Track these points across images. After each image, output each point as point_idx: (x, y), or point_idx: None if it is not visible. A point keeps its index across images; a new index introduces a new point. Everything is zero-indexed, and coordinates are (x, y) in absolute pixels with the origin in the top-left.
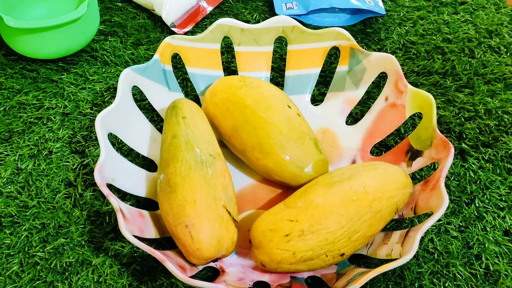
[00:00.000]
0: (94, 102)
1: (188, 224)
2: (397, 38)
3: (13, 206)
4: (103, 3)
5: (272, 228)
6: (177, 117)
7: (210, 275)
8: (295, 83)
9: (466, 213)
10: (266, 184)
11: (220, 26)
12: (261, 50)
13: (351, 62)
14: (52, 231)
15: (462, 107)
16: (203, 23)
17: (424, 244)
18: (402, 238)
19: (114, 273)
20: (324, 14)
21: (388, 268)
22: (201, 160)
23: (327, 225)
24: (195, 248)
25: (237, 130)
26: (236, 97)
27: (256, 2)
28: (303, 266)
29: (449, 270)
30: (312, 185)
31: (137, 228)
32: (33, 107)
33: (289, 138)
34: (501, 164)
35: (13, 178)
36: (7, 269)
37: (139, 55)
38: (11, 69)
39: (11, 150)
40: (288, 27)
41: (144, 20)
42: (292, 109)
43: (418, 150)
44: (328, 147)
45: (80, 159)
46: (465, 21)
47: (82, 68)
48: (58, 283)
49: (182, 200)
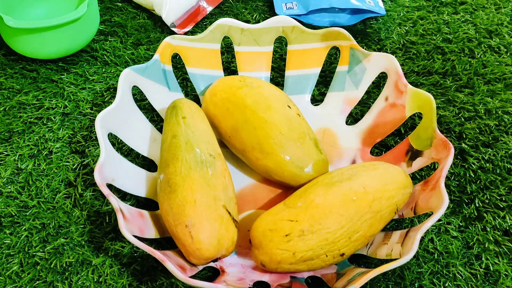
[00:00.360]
0: (94, 102)
1: (188, 224)
2: (397, 38)
3: (13, 206)
4: (103, 3)
5: (272, 228)
6: (177, 117)
7: (210, 275)
8: (295, 83)
9: (466, 213)
10: (266, 184)
11: (220, 26)
12: (261, 50)
13: (351, 62)
14: (52, 231)
15: (462, 107)
16: (203, 23)
17: (424, 244)
18: (402, 238)
19: (114, 273)
20: (324, 14)
21: (388, 268)
22: (201, 160)
23: (327, 225)
24: (195, 248)
25: (237, 130)
26: (236, 97)
27: (256, 2)
28: (303, 266)
29: (449, 270)
30: (312, 185)
31: (137, 228)
32: (33, 107)
33: (289, 138)
34: (501, 164)
35: (13, 178)
36: (7, 269)
37: (139, 55)
38: (11, 69)
39: (11, 150)
40: (288, 27)
41: (144, 20)
42: (292, 109)
43: (418, 150)
44: (328, 147)
45: (80, 159)
46: (465, 21)
47: (82, 68)
48: (58, 283)
49: (182, 200)
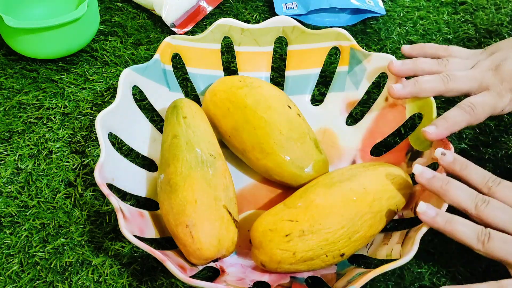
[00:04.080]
0: (94, 102)
1: (189, 224)
2: (397, 38)
3: (13, 206)
4: (103, 3)
5: (272, 228)
6: (178, 117)
7: (210, 275)
8: (295, 83)
9: None
10: (266, 184)
11: (220, 26)
12: (261, 50)
13: (351, 62)
14: (52, 231)
15: None
16: (203, 23)
17: (424, 244)
18: (402, 238)
19: (114, 273)
20: (324, 14)
21: (388, 268)
22: (202, 160)
23: (327, 225)
24: (196, 248)
25: (237, 130)
26: (236, 97)
27: (256, 2)
28: (303, 266)
29: (449, 270)
30: (312, 185)
31: (137, 228)
32: (33, 107)
33: (289, 138)
34: (501, 164)
35: (13, 178)
36: (7, 269)
37: (139, 55)
38: (11, 69)
39: (11, 150)
40: (288, 27)
41: (144, 20)
42: (292, 109)
43: (418, 150)
44: (328, 147)
45: (80, 159)
46: (465, 21)
47: (82, 68)
48: (58, 283)
49: (183, 200)
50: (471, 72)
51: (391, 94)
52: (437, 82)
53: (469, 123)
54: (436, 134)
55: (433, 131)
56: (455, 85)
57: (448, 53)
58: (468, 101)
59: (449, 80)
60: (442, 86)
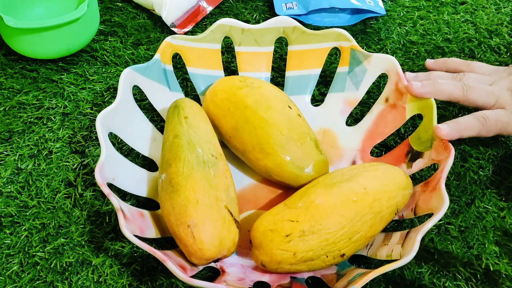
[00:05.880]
0: (94, 102)
1: (190, 224)
2: (397, 38)
3: (13, 206)
4: (103, 3)
5: (273, 229)
6: (179, 117)
7: (210, 275)
8: (295, 84)
9: (466, 213)
10: (267, 185)
11: (221, 26)
12: (262, 51)
13: (352, 63)
14: (52, 231)
15: (462, 107)
16: (203, 23)
17: (424, 244)
18: (402, 239)
19: (114, 273)
20: (324, 14)
21: (389, 269)
22: (203, 160)
23: (327, 226)
24: (197, 248)
25: (238, 130)
26: (236, 97)
27: (256, 2)
28: (304, 266)
29: (449, 270)
30: (312, 186)
31: (138, 228)
32: (33, 107)
33: (290, 139)
34: (501, 164)
35: (13, 178)
36: (7, 269)
37: (139, 55)
38: (11, 69)
39: (11, 150)
40: (289, 27)
41: (144, 20)
42: (293, 110)
43: (418, 151)
44: (328, 148)
45: (80, 159)
46: (465, 21)
47: (82, 68)
48: (58, 283)
49: (185, 200)
50: (490, 88)
51: (410, 91)
52: (457, 88)
53: (479, 132)
54: (447, 133)
55: (444, 129)
56: (472, 96)
57: (470, 68)
58: (483, 113)
59: (468, 89)
60: (461, 93)
